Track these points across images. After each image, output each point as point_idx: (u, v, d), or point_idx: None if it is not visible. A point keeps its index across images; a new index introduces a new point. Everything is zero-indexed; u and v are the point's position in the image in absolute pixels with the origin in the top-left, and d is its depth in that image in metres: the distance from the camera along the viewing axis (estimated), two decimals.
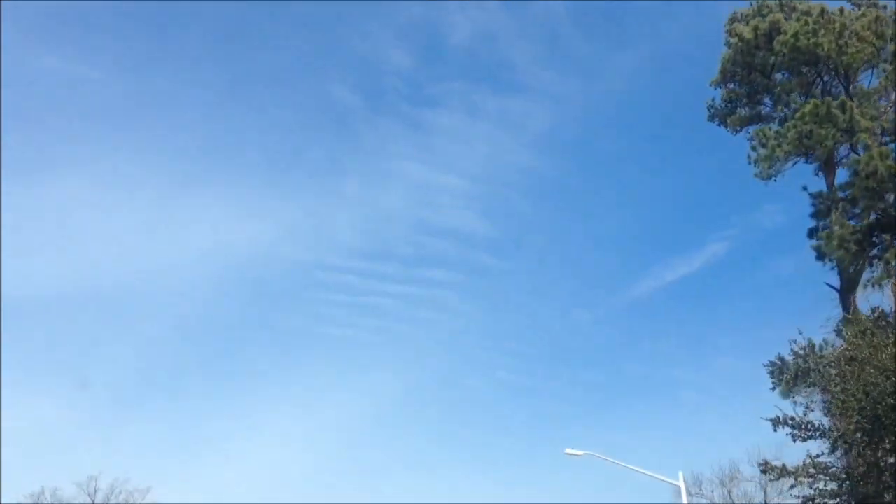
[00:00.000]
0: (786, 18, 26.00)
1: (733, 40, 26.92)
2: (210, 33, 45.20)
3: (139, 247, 39.46)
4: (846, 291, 24.82)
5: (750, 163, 26.06)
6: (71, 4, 45.10)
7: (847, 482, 18.57)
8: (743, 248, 39.93)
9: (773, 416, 19.60)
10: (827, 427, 19.10)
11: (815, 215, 25.28)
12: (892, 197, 23.13)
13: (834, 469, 19.14)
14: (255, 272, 40.25)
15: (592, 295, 41.08)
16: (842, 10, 25.33)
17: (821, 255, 24.20)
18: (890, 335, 18.29)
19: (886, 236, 23.39)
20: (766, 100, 27.58)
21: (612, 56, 44.61)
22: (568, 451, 22.29)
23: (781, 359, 23.59)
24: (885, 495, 17.54)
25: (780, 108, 26.81)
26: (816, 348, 22.80)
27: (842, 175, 25.43)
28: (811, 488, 19.35)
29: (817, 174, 26.41)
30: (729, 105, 28.20)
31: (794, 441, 19.34)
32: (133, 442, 35.41)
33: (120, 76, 44.04)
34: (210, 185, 41.72)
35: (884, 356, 17.54)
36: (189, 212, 41.29)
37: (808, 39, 24.62)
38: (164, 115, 42.97)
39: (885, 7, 25.52)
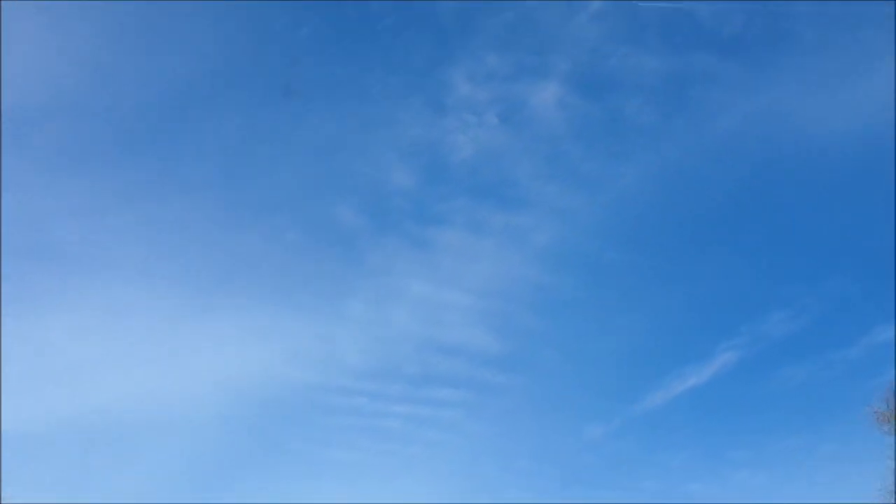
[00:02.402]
0: None
1: None
2: (213, 160, 45.02)
3: (144, 375, 40.30)
4: None
5: None
6: (76, 128, 44.32)
7: None
8: (752, 358, 42.90)
9: None
10: None
11: None
12: None
13: None
14: (262, 397, 41.26)
15: (604, 409, 43.18)
16: None
17: None
18: None
19: None
20: None
21: (614, 168, 46.32)
22: None
23: None
24: None
25: None
26: None
27: None
28: None
29: None
30: None
31: None
32: None
33: (123, 204, 43.81)
34: (216, 310, 42.31)
35: None
36: (194, 337, 41.77)
37: None
38: (168, 242, 43.06)
39: None
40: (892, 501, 24.73)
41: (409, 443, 40.41)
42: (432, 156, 45.58)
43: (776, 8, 45.69)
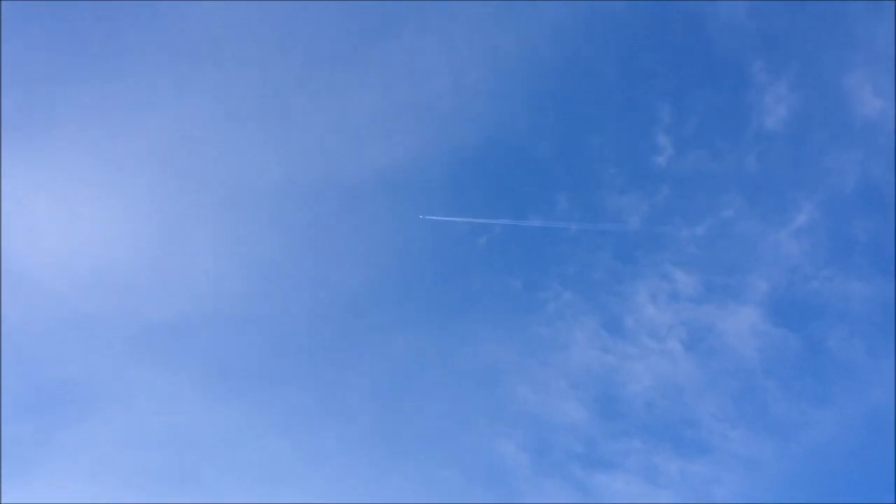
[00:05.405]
0: None
1: None
2: (373, 383, 43.50)
3: None
4: None
5: None
6: (239, 341, 44.93)
7: None
8: None
9: None
10: None
11: None
12: None
13: None
14: None
15: None
16: None
17: None
18: None
19: None
20: None
21: (811, 413, 42.69)
22: None
23: None
24: None
25: None
26: None
27: None
28: None
29: None
30: None
31: None
32: None
33: (276, 432, 43.22)
34: None
35: None
36: None
37: None
38: (316, 477, 42.05)
39: None
40: None
41: None
42: (606, 386, 41.52)
43: None
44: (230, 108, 43.85)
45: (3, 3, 38.84)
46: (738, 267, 42.76)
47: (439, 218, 42.90)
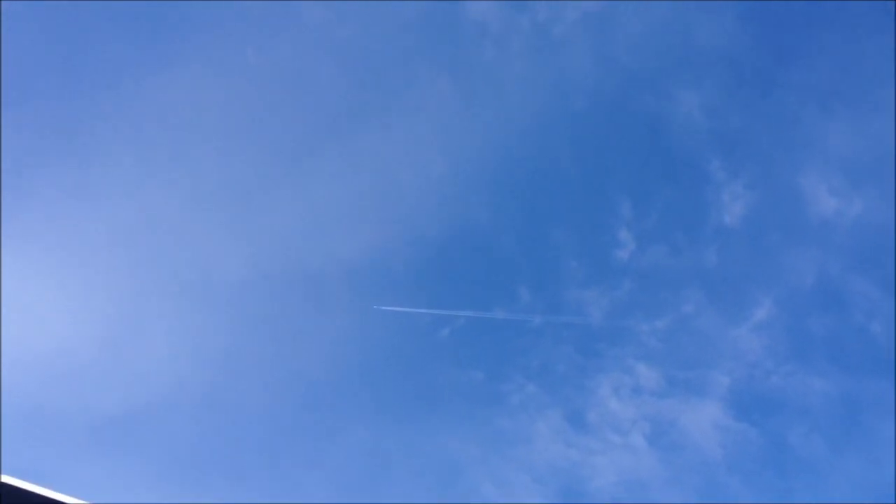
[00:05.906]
0: None
1: None
2: (333, 479, 42.71)
3: None
4: None
5: None
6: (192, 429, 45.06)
7: None
8: None
9: None
10: None
11: None
12: None
13: None
14: None
15: None
16: None
17: None
18: None
19: None
20: None
21: None
22: None
23: None
24: None
25: None
26: None
27: None
28: None
29: None
30: None
31: None
32: None
33: None
34: None
35: None
36: None
37: None
38: None
39: None
40: None
41: None
42: (569, 480, 41.19)
43: None
44: (192, 195, 44.36)
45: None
46: (699, 361, 43.20)
47: (402, 309, 43.07)
